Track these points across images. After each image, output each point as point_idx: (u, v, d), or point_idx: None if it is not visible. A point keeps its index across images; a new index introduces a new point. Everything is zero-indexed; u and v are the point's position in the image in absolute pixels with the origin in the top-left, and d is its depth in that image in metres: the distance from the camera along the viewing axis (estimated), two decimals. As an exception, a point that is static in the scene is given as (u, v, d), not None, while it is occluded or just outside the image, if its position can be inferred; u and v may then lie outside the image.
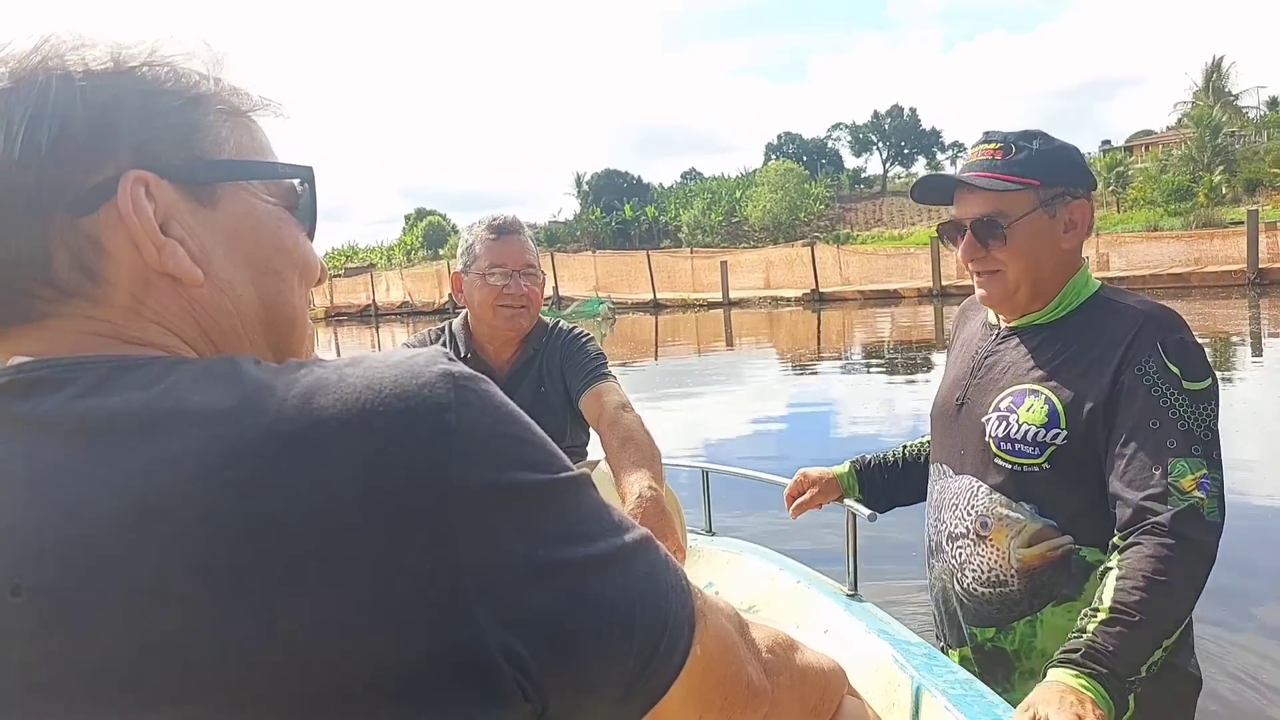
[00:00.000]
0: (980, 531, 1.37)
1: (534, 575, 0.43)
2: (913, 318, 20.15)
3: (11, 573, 0.40)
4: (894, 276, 25.74)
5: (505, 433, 0.44)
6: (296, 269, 0.56)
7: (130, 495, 0.39)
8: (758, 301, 26.51)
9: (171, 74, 0.51)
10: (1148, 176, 48.46)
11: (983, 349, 1.45)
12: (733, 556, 1.96)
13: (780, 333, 19.28)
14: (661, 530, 1.47)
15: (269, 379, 0.43)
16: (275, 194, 0.55)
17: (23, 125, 0.46)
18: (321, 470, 0.39)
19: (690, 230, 63.96)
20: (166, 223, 0.49)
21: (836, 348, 15.56)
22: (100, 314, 0.48)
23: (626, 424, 1.68)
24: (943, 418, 1.50)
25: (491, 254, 1.83)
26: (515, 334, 1.90)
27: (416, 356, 0.44)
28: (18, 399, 0.44)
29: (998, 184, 1.33)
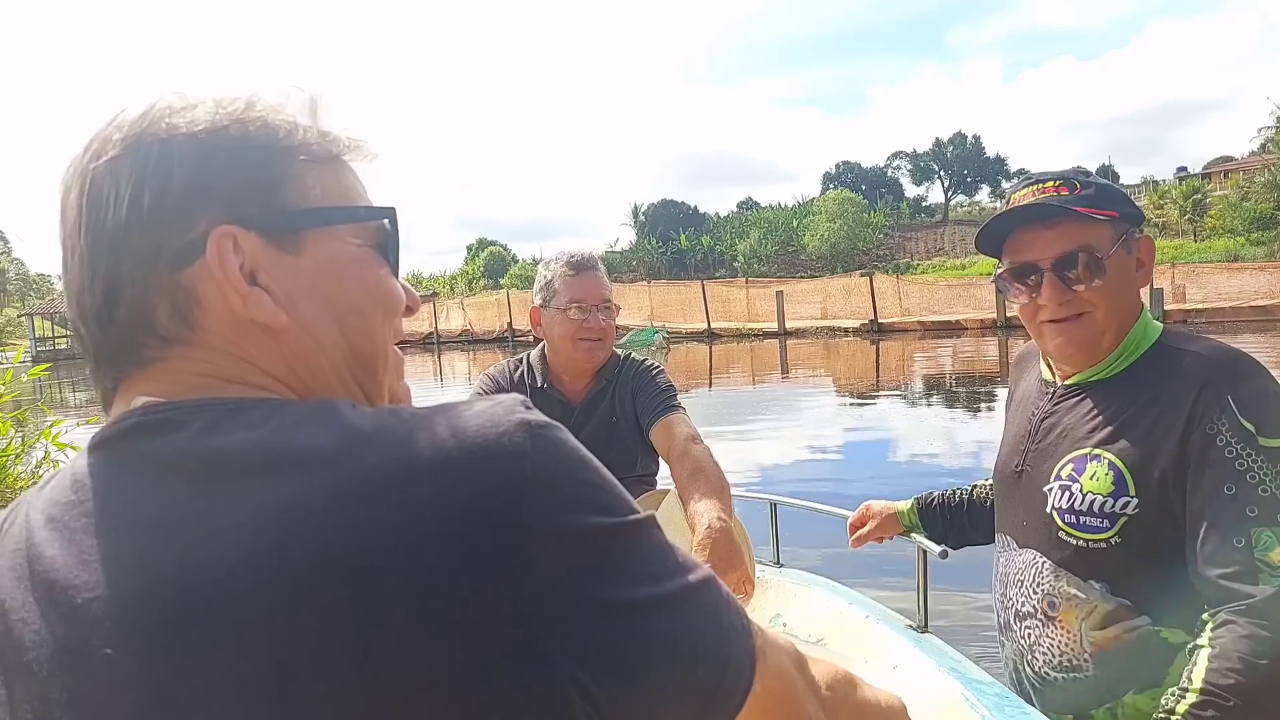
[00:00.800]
0: (1048, 612, 1.26)
1: (603, 614, 0.45)
2: (975, 349, 19.64)
3: (133, 600, 0.44)
4: (955, 307, 25.21)
5: (577, 478, 0.47)
6: (379, 306, 0.58)
7: (241, 536, 0.43)
8: (814, 332, 26.25)
9: (262, 128, 0.54)
10: (1228, 204, 46.62)
11: (1039, 410, 1.34)
12: (801, 589, 1.96)
13: (838, 363, 19.01)
14: (731, 561, 1.46)
15: (365, 424, 0.47)
16: (359, 234, 0.58)
17: (129, 189, 0.51)
18: (410, 514, 0.43)
19: (746, 260, 63.84)
20: (254, 272, 0.53)
21: (896, 379, 15.26)
22: (198, 356, 0.53)
23: (696, 455, 1.70)
24: (1003, 484, 1.40)
25: (571, 290, 1.89)
26: (592, 366, 1.95)
27: (498, 405, 0.48)
28: (145, 438, 0.49)
29: (1091, 214, 1.21)
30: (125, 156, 0.52)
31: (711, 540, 1.47)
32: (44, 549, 0.48)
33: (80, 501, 0.49)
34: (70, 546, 0.47)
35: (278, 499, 0.44)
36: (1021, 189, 1.28)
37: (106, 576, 0.45)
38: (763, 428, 10.03)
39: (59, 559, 0.47)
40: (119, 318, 0.52)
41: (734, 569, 1.46)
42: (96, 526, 0.47)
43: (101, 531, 0.47)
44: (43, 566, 0.48)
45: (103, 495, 0.48)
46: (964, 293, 25.79)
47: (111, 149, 0.52)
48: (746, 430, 9.78)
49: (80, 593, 0.45)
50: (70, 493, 0.50)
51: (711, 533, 1.48)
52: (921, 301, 26.41)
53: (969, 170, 77.95)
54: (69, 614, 0.45)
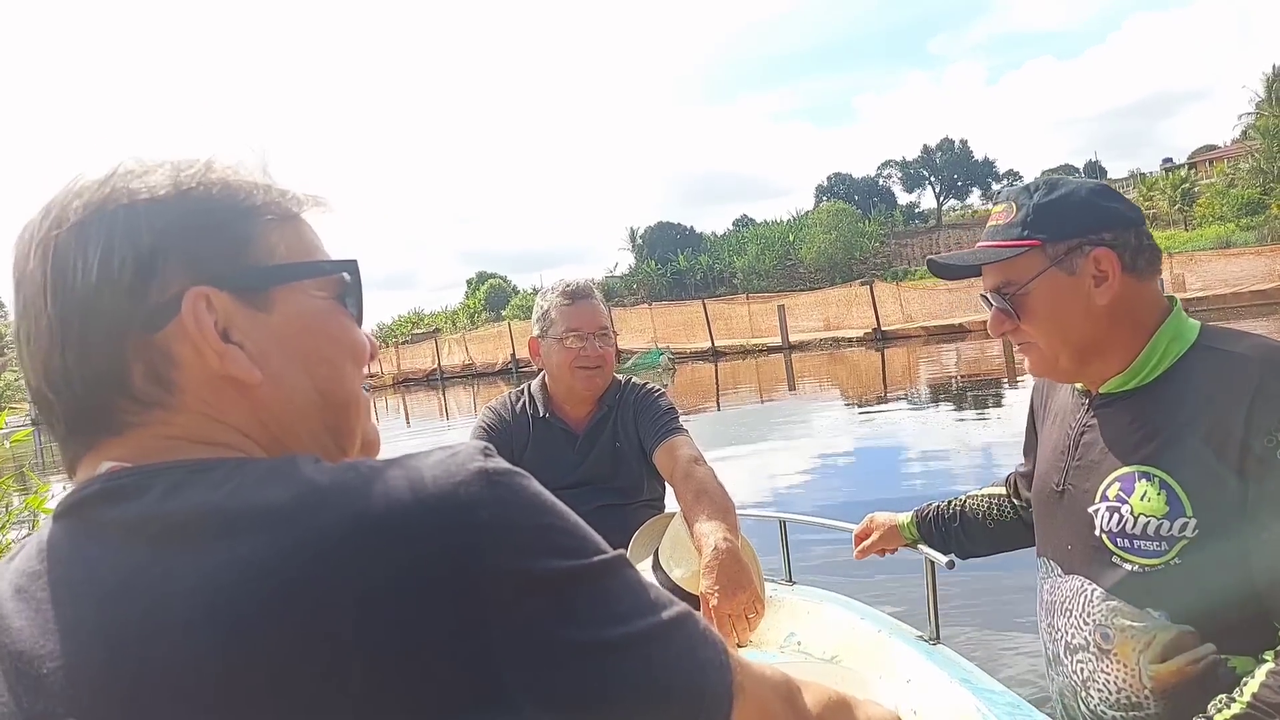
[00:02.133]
0: (1102, 644, 1.16)
1: (568, 656, 0.46)
2: (980, 352, 19.67)
3: (96, 668, 0.44)
4: (957, 311, 25.21)
5: (537, 523, 0.48)
6: (348, 355, 0.60)
7: (199, 598, 0.43)
8: (819, 344, 26.19)
9: (224, 190, 0.56)
10: (1215, 192, 46.83)
11: (1076, 423, 1.24)
12: (813, 606, 1.98)
13: (844, 373, 19.01)
14: (739, 581, 1.46)
15: (322, 479, 0.47)
16: (323, 287, 0.59)
17: (97, 254, 0.51)
18: (366, 566, 0.43)
19: (745, 276, 64.03)
20: (227, 329, 0.54)
21: (905, 387, 15.24)
22: (175, 419, 0.53)
23: (700, 477, 1.70)
24: (1043, 504, 1.31)
25: (567, 319, 1.91)
26: (592, 393, 1.96)
27: (456, 455, 0.49)
28: (108, 505, 0.49)
29: (989, 253, 1.19)
30: (90, 223, 0.52)
31: (719, 562, 1.46)
32: (11, 620, 0.49)
33: (45, 571, 0.49)
34: (36, 617, 0.47)
35: (235, 559, 0.44)
36: (995, 205, 1.26)
37: (68, 645, 0.45)
38: (775, 443, 10.02)
39: (25, 630, 0.47)
40: (92, 383, 0.52)
41: (742, 589, 1.45)
42: (60, 595, 0.47)
43: (64, 600, 0.47)
44: (10, 639, 0.48)
45: (66, 563, 0.49)
46: (966, 296, 25.80)
47: (74, 215, 0.53)
48: (759, 447, 9.78)
49: (45, 663, 0.46)
50: (36, 562, 0.50)
51: (719, 554, 1.47)
52: (922, 307, 26.43)
53: (959, 174, 78.33)
54: (34, 685, 0.46)
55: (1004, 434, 8.90)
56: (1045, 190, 1.19)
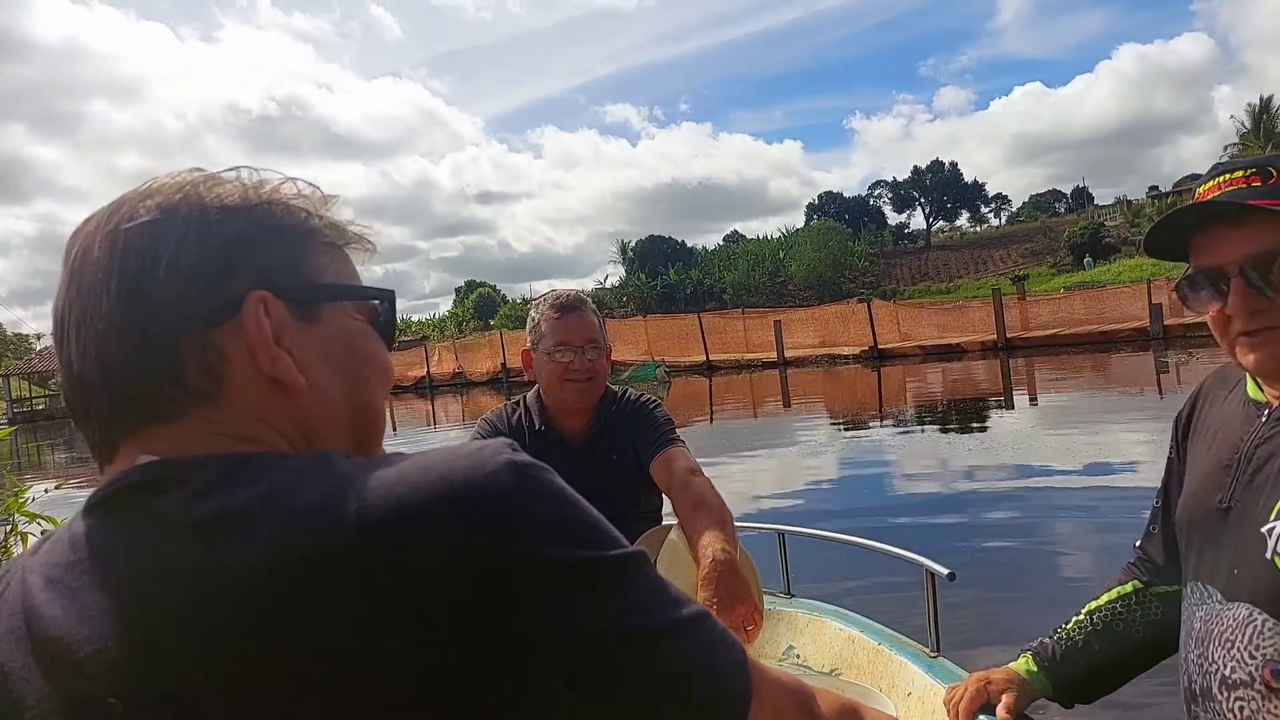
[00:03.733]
0: (1271, 682, 1.06)
1: (596, 644, 0.48)
2: (980, 371, 19.75)
3: (137, 652, 0.46)
4: (953, 331, 25.35)
5: (564, 515, 0.50)
6: (379, 375, 0.64)
7: (240, 586, 0.45)
8: (814, 360, 26.25)
9: (286, 211, 0.60)
10: (1203, 220, 47.31)
11: (1251, 435, 1.13)
12: (812, 619, 1.94)
13: (840, 391, 19.01)
14: (737, 593, 1.43)
15: (357, 472, 0.49)
16: (362, 312, 0.64)
17: (168, 250, 0.55)
18: (405, 554, 0.45)
19: (735, 291, 64.21)
20: (278, 335, 0.57)
21: (902, 404, 15.26)
22: (219, 415, 0.55)
23: (697, 488, 1.69)
24: (1200, 526, 1.18)
25: (557, 332, 1.90)
26: (583, 406, 1.95)
27: (485, 448, 0.51)
28: (145, 496, 0.51)
29: (1264, 210, 1.03)
30: (163, 221, 0.56)
31: (717, 574, 1.45)
32: (44, 609, 0.50)
33: (80, 561, 0.50)
34: (71, 604, 0.49)
35: (275, 548, 0.46)
36: (1207, 181, 1.11)
37: (108, 629, 0.47)
38: (767, 457, 9.98)
39: (59, 617, 0.49)
40: (147, 369, 0.54)
41: (741, 601, 1.44)
42: (97, 583, 0.49)
43: (102, 587, 0.49)
44: (43, 626, 0.50)
45: (102, 553, 0.50)
46: (961, 316, 26.00)
47: (146, 213, 0.56)
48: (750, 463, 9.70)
49: (83, 647, 0.47)
50: (70, 553, 0.52)
51: (716, 566, 1.46)
52: (918, 326, 26.54)
53: (948, 196, 79.24)
54: (71, 669, 0.48)
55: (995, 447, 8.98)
56: None
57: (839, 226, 68.85)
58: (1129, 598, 1.35)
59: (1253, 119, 45.91)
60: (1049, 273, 52.20)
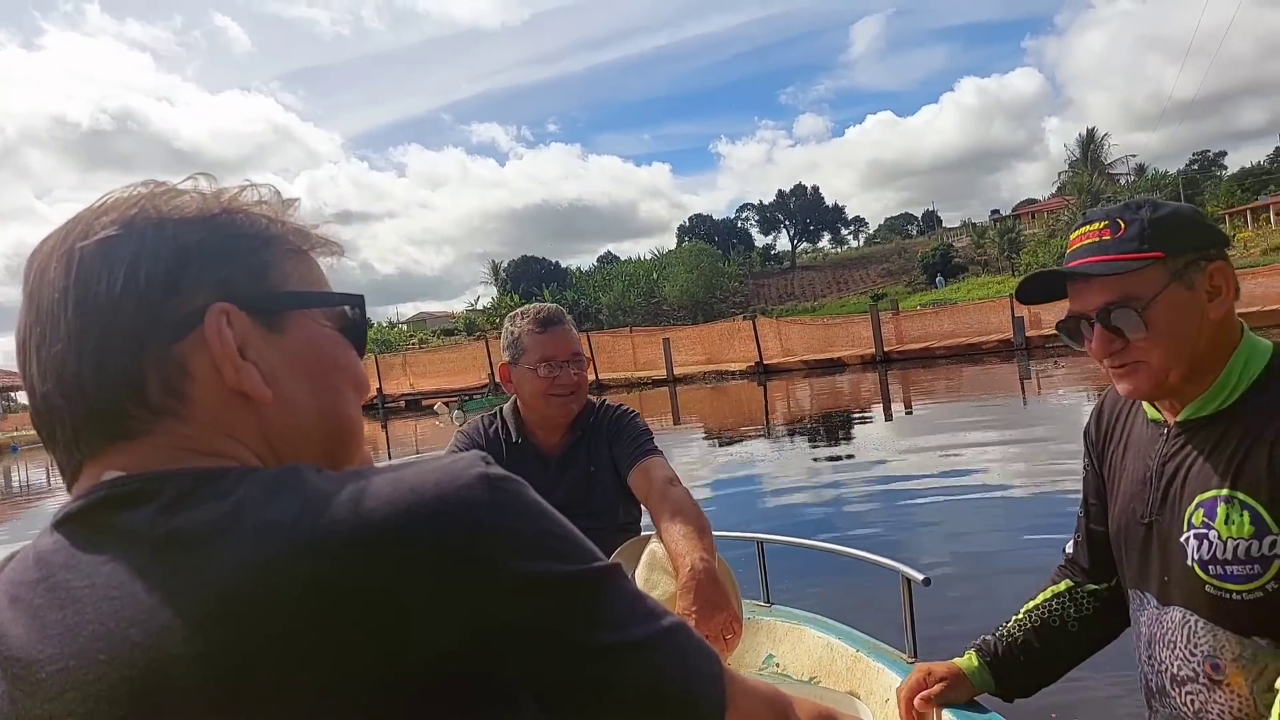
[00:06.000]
0: (1213, 675, 1.17)
1: (568, 657, 0.48)
2: (859, 384, 20.43)
3: (99, 670, 0.45)
4: (835, 345, 26.21)
5: (537, 528, 0.50)
6: (351, 384, 0.62)
7: (206, 599, 0.44)
8: (703, 376, 26.51)
9: (246, 219, 0.58)
10: (1038, 241, 51.83)
11: (1157, 453, 1.24)
12: (791, 627, 1.95)
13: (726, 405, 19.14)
14: (716, 603, 1.43)
15: (327, 486, 0.48)
16: (330, 318, 0.61)
17: (124, 266, 0.53)
18: (371, 566, 0.45)
19: (611, 312, 64.40)
20: (243, 347, 0.55)
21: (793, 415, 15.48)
22: (184, 430, 0.54)
23: (675, 498, 1.67)
24: (1130, 538, 1.29)
25: (541, 347, 1.89)
26: (567, 420, 1.94)
27: (457, 461, 0.50)
28: (111, 512, 0.49)
29: (1115, 266, 1.16)
30: (118, 237, 0.53)
31: (695, 583, 1.44)
32: (7, 629, 0.48)
33: (44, 578, 0.49)
34: (33, 623, 0.48)
35: (242, 563, 0.44)
36: (1075, 229, 1.24)
37: (69, 648, 0.46)
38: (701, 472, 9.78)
39: (22, 636, 0.48)
40: (107, 389, 0.52)
41: (720, 610, 1.43)
42: (58, 601, 0.47)
43: (63, 605, 0.47)
44: (5, 646, 0.48)
45: (65, 569, 0.49)
46: (842, 331, 26.96)
47: (101, 229, 0.54)
48: None
49: (44, 667, 0.46)
50: (33, 571, 0.50)
51: (695, 575, 1.45)
52: (801, 341, 27.32)
53: (811, 219, 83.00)
54: (32, 689, 0.46)
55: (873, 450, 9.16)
56: (1151, 208, 1.19)
57: (710, 248, 70.63)
58: (1063, 595, 1.45)
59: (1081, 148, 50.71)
60: (905, 291, 55.34)
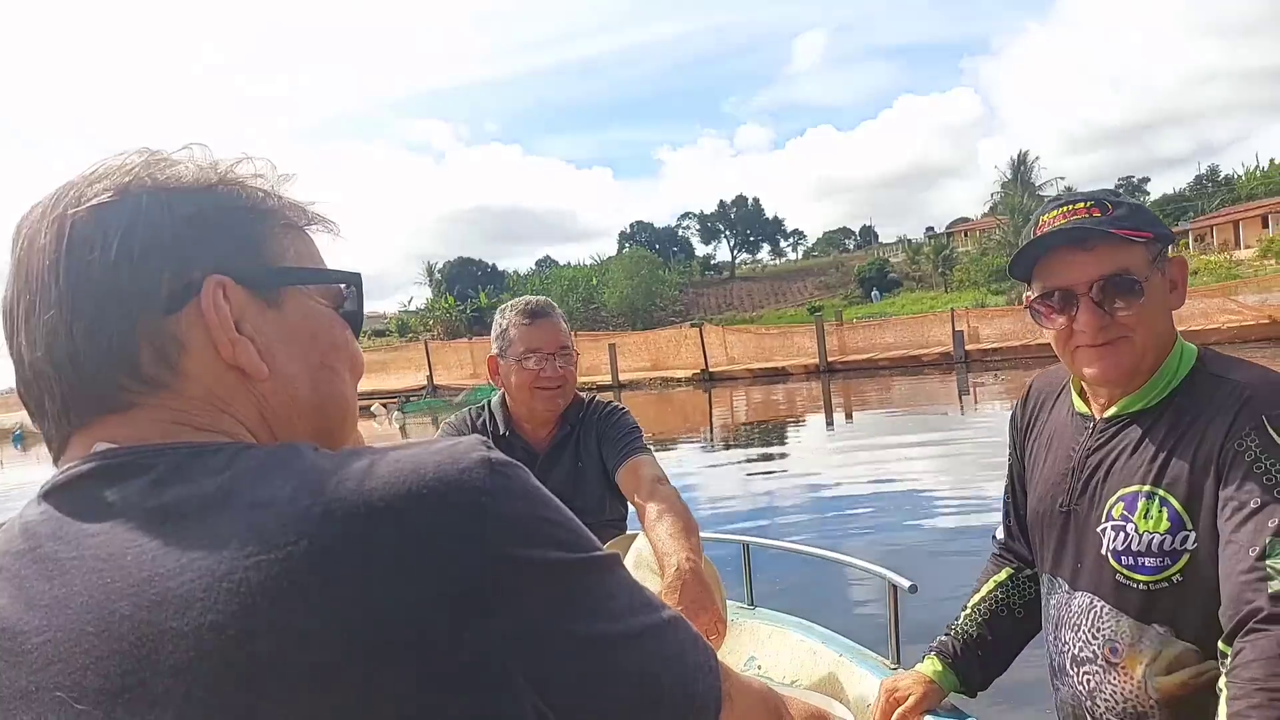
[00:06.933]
0: (1110, 658, 1.22)
1: (566, 646, 0.47)
2: (806, 392, 20.42)
3: (86, 642, 0.44)
4: (778, 355, 26.24)
5: (538, 515, 0.49)
6: (347, 363, 0.61)
7: (199, 572, 0.43)
8: (648, 383, 26.21)
9: (242, 192, 0.57)
10: (970, 259, 53.28)
11: (1080, 446, 1.29)
12: (774, 629, 1.96)
13: (670, 412, 18.88)
14: (701, 603, 1.43)
15: (326, 463, 0.47)
16: (326, 296, 0.61)
17: (118, 234, 0.52)
18: (370, 546, 0.43)
19: (550, 317, 63.43)
20: (239, 322, 0.54)
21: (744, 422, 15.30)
22: (178, 404, 0.53)
23: (663, 496, 1.67)
24: (1047, 525, 1.34)
25: (527, 339, 1.87)
26: (553, 414, 1.93)
27: (458, 444, 0.49)
28: (102, 483, 0.49)
29: (1129, 236, 1.17)
30: (112, 205, 0.52)
31: (681, 582, 1.45)
32: None
33: (31, 549, 0.48)
34: (19, 594, 0.47)
35: (236, 539, 0.43)
36: (1050, 211, 1.23)
37: (56, 620, 0.45)
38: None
39: (8, 607, 0.47)
40: (99, 360, 0.51)
41: (705, 611, 1.43)
42: (47, 571, 0.46)
43: (52, 576, 0.46)
44: None
45: (54, 540, 0.47)
46: (786, 341, 26.99)
47: (95, 197, 0.52)
48: None
49: (30, 638, 0.45)
50: (20, 541, 0.48)
51: (681, 574, 1.45)
52: (745, 350, 27.27)
53: (751, 230, 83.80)
54: (18, 660, 0.45)
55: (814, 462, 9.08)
56: (1125, 196, 1.23)
57: (651, 255, 70.53)
58: (1005, 584, 1.50)
59: (1012, 169, 52.33)
60: (842, 304, 56.15)
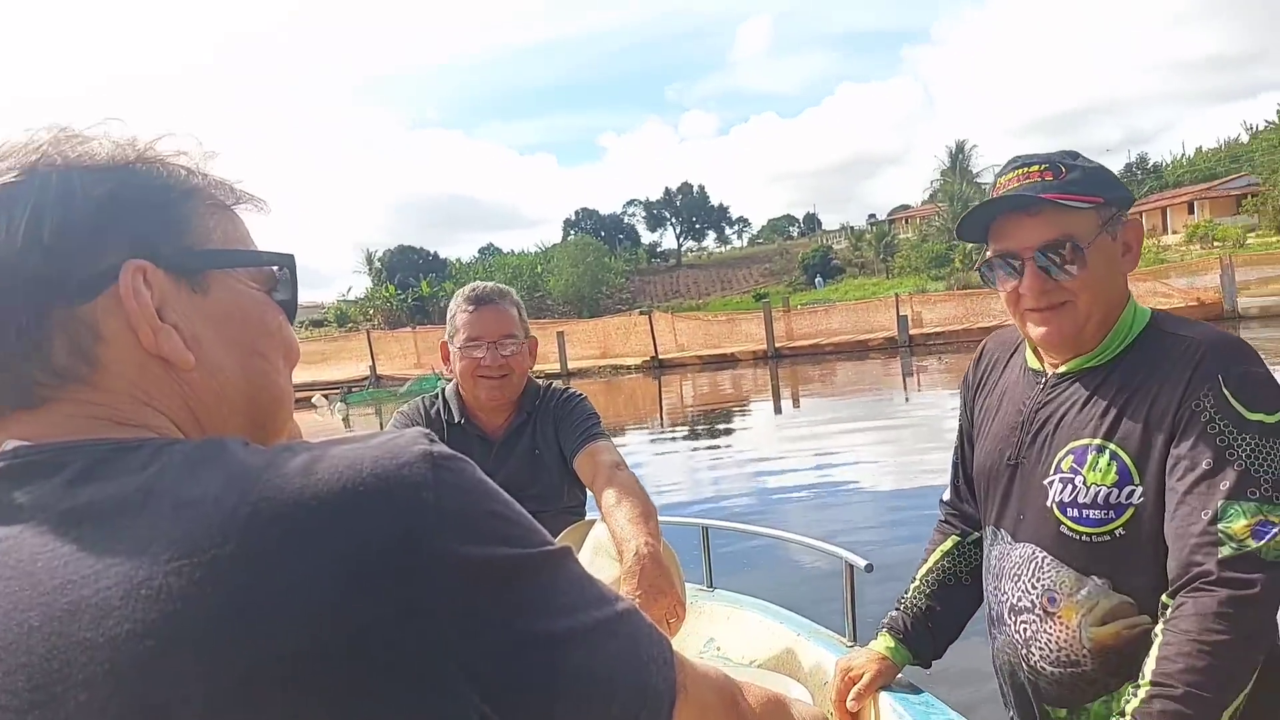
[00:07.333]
0: (1047, 607, 1.25)
1: (514, 646, 0.44)
2: (755, 378, 20.52)
3: None
4: (727, 341, 26.28)
5: (484, 509, 0.46)
6: (280, 351, 0.58)
7: (116, 579, 0.40)
8: (598, 370, 25.98)
9: (163, 170, 0.54)
10: (911, 246, 54.29)
11: (1031, 399, 1.31)
12: (733, 611, 1.98)
13: (621, 400, 18.78)
14: (660, 587, 1.43)
15: (255, 460, 0.44)
16: (257, 280, 0.58)
17: (25, 217, 0.48)
18: (303, 547, 0.41)
19: (494, 305, 62.61)
20: (161, 309, 0.51)
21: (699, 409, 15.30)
22: (96, 398, 0.49)
23: (621, 482, 1.67)
24: (994, 478, 1.36)
25: (470, 326, 1.86)
26: (496, 403, 1.92)
27: (399, 438, 0.46)
28: (12, 485, 0.45)
29: (1071, 201, 1.19)
30: (17, 185, 0.49)
31: (640, 567, 1.44)
32: None
33: None
34: None
35: (158, 540, 0.41)
36: (1008, 172, 1.26)
37: None
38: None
39: None
40: (9, 352, 0.48)
41: (664, 595, 1.43)
42: None
43: None
44: None
45: None
46: (734, 328, 27.04)
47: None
48: None
49: None
50: None
51: (640, 559, 1.45)
52: (694, 337, 27.25)
53: (697, 217, 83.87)
54: None
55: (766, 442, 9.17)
56: (1084, 159, 1.24)
57: (596, 243, 70.03)
58: (952, 553, 1.50)
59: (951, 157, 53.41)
60: (786, 291, 56.70)
